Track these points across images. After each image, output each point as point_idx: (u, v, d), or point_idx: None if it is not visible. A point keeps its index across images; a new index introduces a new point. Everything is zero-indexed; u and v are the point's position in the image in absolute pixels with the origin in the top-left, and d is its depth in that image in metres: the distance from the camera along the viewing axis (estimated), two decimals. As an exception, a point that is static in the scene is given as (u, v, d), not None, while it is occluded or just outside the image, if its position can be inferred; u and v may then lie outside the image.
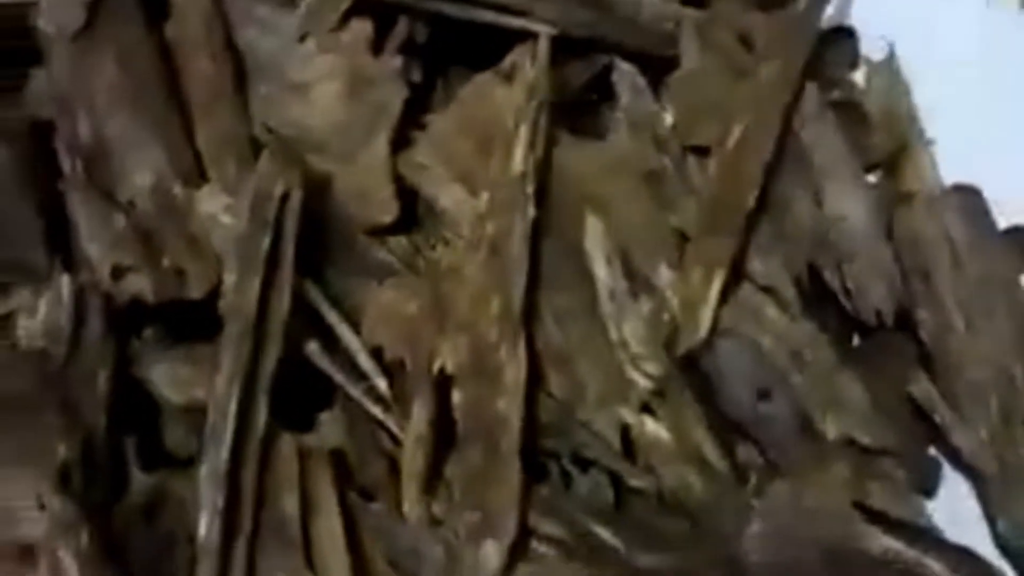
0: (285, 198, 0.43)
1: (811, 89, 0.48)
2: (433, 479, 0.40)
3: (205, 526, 0.39)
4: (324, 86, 0.49)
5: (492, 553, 0.37)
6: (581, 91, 0.51)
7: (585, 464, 0.42)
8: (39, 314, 0.43)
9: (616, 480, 0.42)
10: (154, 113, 0.48)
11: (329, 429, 0.43)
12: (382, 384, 0.42)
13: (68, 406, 0.41)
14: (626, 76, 0.48)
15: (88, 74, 0.48)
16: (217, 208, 0.44)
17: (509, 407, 0.39)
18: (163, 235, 0.45)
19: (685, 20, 0.49)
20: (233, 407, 0.40)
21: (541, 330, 0.43)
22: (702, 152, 0.46)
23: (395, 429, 0.42)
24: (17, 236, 0.47)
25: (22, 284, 0.45)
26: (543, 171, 0.45)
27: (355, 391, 0.43)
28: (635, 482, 0.41)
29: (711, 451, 0.41)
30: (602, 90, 0.52)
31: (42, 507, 0.39)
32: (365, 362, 0.43)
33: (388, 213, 0.45)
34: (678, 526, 0.40)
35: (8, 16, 0.51)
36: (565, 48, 0.50)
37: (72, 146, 0.46)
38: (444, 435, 0.41)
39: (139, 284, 0.44)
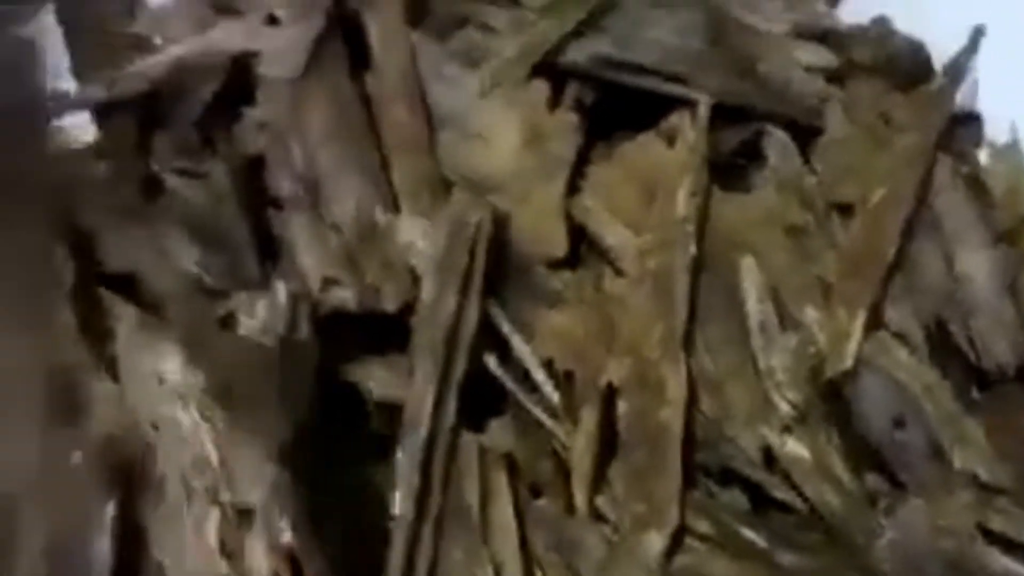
0: (478, 226, 0.49)
1: (944, 161, 0.53)
2: (598, 479, 0.45)
3: (401, 504, 0.44)
4: (503, 136, 0.55)
5: (656, 540, 0.42)
6: (731, 154, 0.57)
7: (727, 478, 0.47)
8: (257, 315, 0.49)
9: (754, 495, 0.47)
10: (357, 151, 0.55)
11: (501, 433, 0.49)
12: (552, 394, 0.48)
13: (283, 394, 0.47)
14: (776, 139, 0.54)
15: (302, 114, 0.55)
16: (415, 234, 0.51)
17: (671, 417, 0.44)
18: (364, 255, 0.51)
19: (832, 96, 0.55)
20: (429, 403, 0.46)
21: (695, 357, 0.48)
22: (845, 210, 0.51)
23: (561, 435, 0.47)
24: (235, 250, 0.54)
25: (237, 290, 0.52)
26: (701, 218, 0.51)
27: (526, 400, 0.48)
28: (776, 494, 0.45)
29: (846, 471, 0.46)
30: (749, 154, 0.57)
31: (261, 477, 0.45)
32: (538, 374, 0.48)
33: (560, 248, 0.51)
34: (814, 535, 0.45)
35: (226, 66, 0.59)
36: (719, 114, 0.56)
37: (288, 174, 0.53)
38: (608, 441, 0.46)
39: (343, 296, 0.50)
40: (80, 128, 0.60)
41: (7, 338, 0.49)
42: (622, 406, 0.46)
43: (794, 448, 0.46)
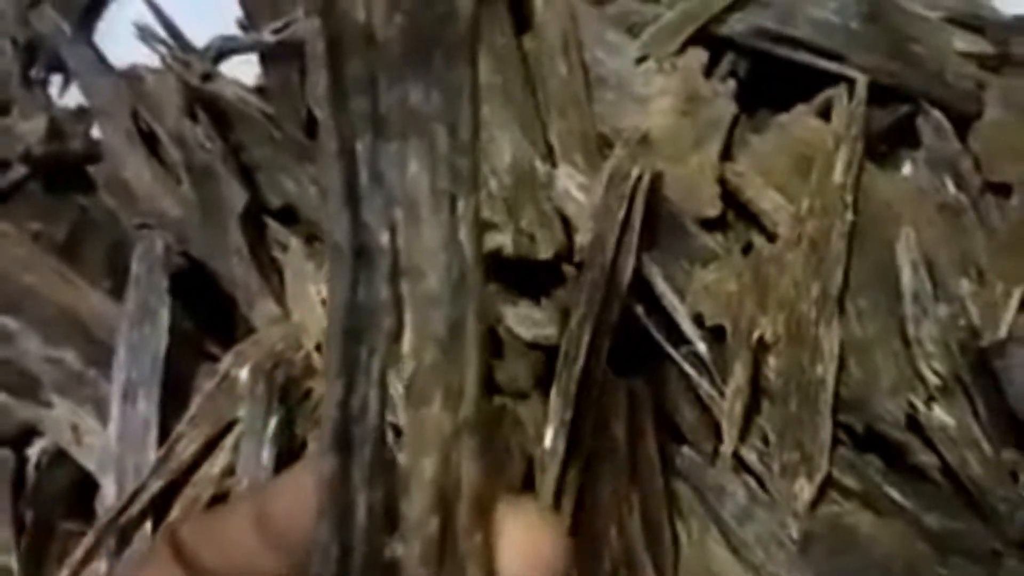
0: (637, 180, 0.50)
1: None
2: (746, 429, 0.46)
3: (552, 437, 0.46)
4: (661, 100, 0.56)
5: (805, 487, 0.43)
6: (883, 134, 0.57)
7: (868, 442, 0.48)
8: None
9: (893, 461, 0.47)
10: (517, 106, 0.56)
11: (648, 382, 0.50)
12: (702, 347, 0.49)
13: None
14: (932, 119, 0.54)
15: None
16: (573, 185, 0.52)
17: (826, 371, 0.45)
18: (520, 204, 0.53)
19: (990, 80, 0.55)
20: (585, 342, 0.47)
21: (845, 323, 0.49)
22: (1000, 190, 0.52)
23: (707, 387, 0.48)
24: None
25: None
26: (856, 188, 0.51)
27: (674, 351, 0.49)
28: (921, 458, 0.46)
29: (989, 443, 0.46)
30: (901, 136, 0.58)
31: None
32: (688, 327, 0.49)
33: (714, 208, 0.52)
34: (956, 501, 0.45)
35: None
36: (872, 93, 0.57)
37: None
38: (754, 394, 0.47)
39: (499, 240, 0.51)
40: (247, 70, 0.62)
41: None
42: (774, 361, 0.47)
43: (939, 416, 0.47)
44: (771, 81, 0.59)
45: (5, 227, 0.55)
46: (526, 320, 0.50)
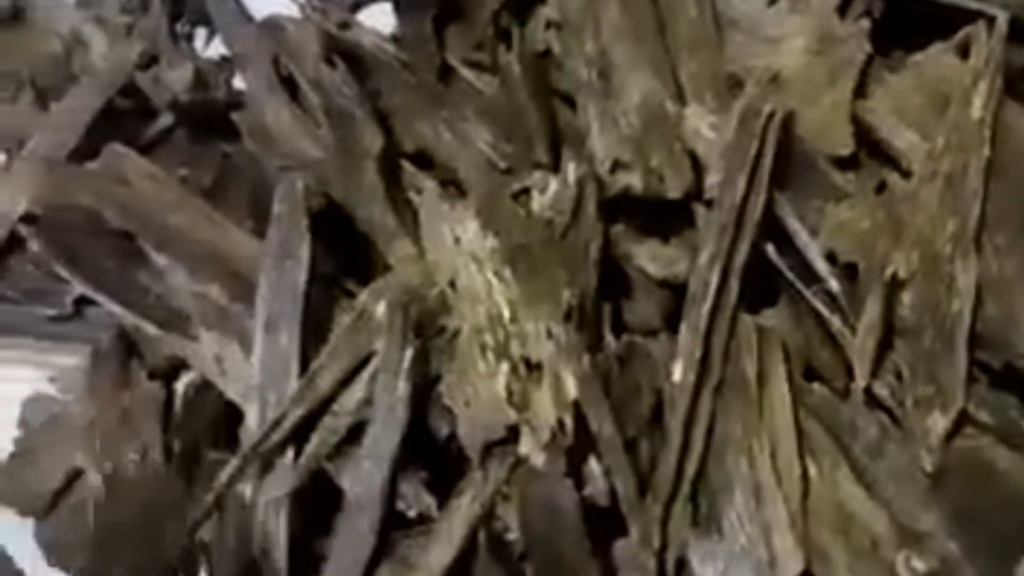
0: (768, 117, 0.50)
1: None
2: (879, 365, 0.46)
3: (681, 372, 0.46)
4: (793, 40, 0.56)
5: (940, 421, 0.43)
6: (1021, 72, 0.56)
7: (1006, 380, 0.47)
8: (549, 192, 0.52)
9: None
10: (648, 47, 0.56)
11: (778, 318, 0.50)
12: (834, 284, 0.48)
13: (569, 264, 0.50)
14: (1075, 55, 0.53)
15: (595, 11, 0.57)
16: (703, 124, 0.52)
17: (962, 306, 0.45)
18: (651, 143, 0.53)
19: None
20: (715, 279, 0.47)
21: (982, 259, 0.48)
22: None
23: (839, 324, 0.48)
24: (526, 134, 0.56)
25: (527, 170, 0.54)
26: (994, 124, 0.50)
27: (805, 290, 0.49)
28: (1060, 396, 0.45)
29: None
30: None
31: (549, 335, 0.47)
32: (820, 265, 0.49)
33: (847, 146, 0.52)
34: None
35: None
36: (1012, 32, 0.55)
37: (583, 64, 0.56)
38: (887, 331, 0.47)
39: (630, 179, 0.52)
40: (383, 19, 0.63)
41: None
42: (908, 296, 0.46)
43: (1081, 352, 0.45)
44: (908, 21, 0.57)
45: (155, 171, 0.58)
46: (656, 258, 0.51)
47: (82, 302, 0.57)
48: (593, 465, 0.46)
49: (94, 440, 0.53)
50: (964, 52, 0.54)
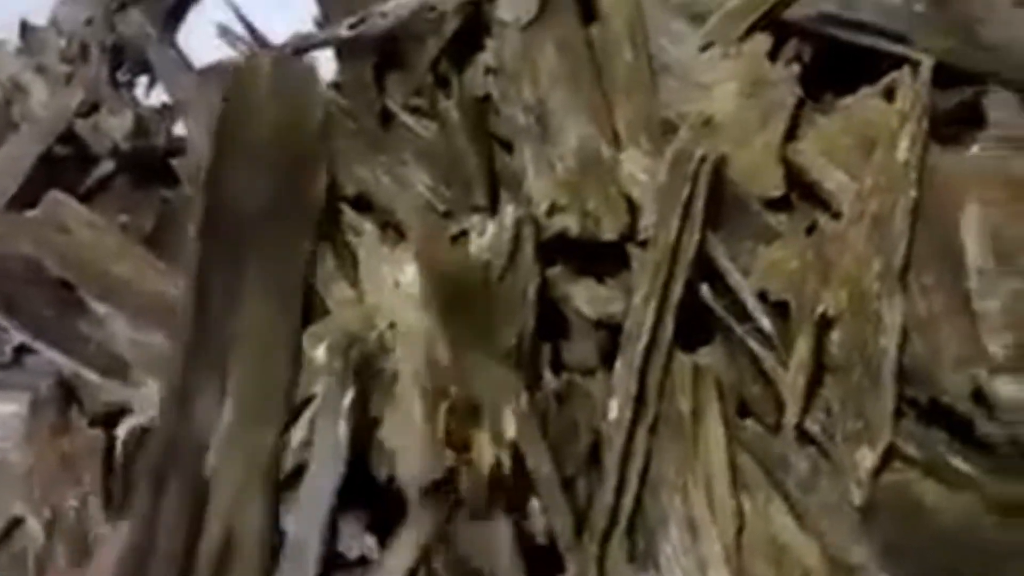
0: (700, 160, 0.51)
1: None
2: (809, 402, 0.47)
3: (617, 409, 0.47)
4: (725, 85, 0.57)
5: (867, 456, 0.44)
6: (948, 114, 0.57)
7: (934, 416, 0.48)
8: (487, 234, 0.53)
9: (957, 433, 0.48)
10: (584, 92, 0.58)
11: (712, 357, 0.51)
12: (766, 323, 0.49)
13: (507, 305, 0.51)
14: (1000, 98, 0.55)
15: (533, 56, 0.58)
16: (637, 168, 0.54)
17: (888, 344, 0.46)
18: (587, 186, 0.54)
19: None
20: (650, 318, 0.48)
21: (909, 298, 0.49)
22: (1069, 167, 0.52)
23: (772, 361, 0.49)
24: (465, 178, 0.57)
25: (466, 214, 0.55)
26: (920, 166, 0.52)
27: (738, 328, 0.50)
28: (986, 429, 0.46)
29: (1057, 414, 0.46)
30: (966, 116, 0.58)
31: (488, 376, 0.48)
32: (752, 304, 0.50)
33: (778, 188, 0.53)
34: (1021, 470, 0.45)
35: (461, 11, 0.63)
36: (937, 76, 0.57)
37: (520, 109, 0.57)
38: (817, 368, 0.48)
39: (566, 222, 0.53)
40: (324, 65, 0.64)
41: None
42: (837, 334, 0.47)
43: (1005, 389, 0.47)
44: (836, 65, 0.59)
45: (95, 219, 0.58)
46: (592, 299, 0.51)
47: (21, 350, 0.57)
48: (532, 504, 0.46)
49: (33, 487, 0.53)
50: (890, 96, 0.56)
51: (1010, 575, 0.44)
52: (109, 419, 0.55)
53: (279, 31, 0.65)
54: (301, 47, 0.65)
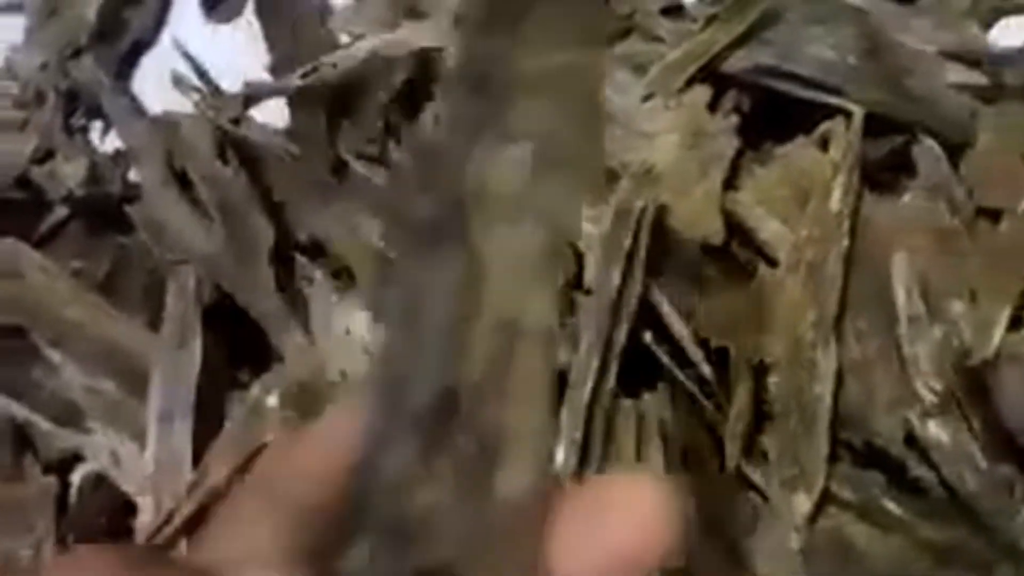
0: (642, 211, 0.53)
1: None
2: (748, 447, 0.49)
3: (564, 453, 0.48)
4: (666, 136, 0.59)
5: (803, 501, 0.46)
6: (880, 163, 0.60)
7: (868, 459, 0.50)
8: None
9: (892, 476, 0.50)
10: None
11: (655, 403, 0.52)
12: (706, 369, 0.51)
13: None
14: (926, 148, 0.57)
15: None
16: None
17: (823, 391, 0.48)
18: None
19: (982, 112, 0.58)
20: (594, 365, 0.50)
21: (844, 343, 0.51)
22: (992, 216, 0.54)
23: (711, 406, 0.51)
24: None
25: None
26: (853, 216, 0.54)
27: (680, 374, 0.52)
28: (916, 473, 0.48)
29: (985, 457, 0.48)
30: (897, 165, 0.60)
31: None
32: (693, 351, 0.52)
33: (717, 236, 0.55)
34: (953, 514, 0.47)
35: (411, 62, 0.64)
36: (870, 125, 0.59)
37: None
38: (756, 414, 0.50)
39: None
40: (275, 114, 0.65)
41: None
42: (774, 381, 0.49)
43: (935, 432, 0.49)
44: (773, 115, 0.61)
45: (48, 265, 0.59)
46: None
47: (-27, 396, 0.57)
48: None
49: (-15, 535, 0.53)
50: (825, 145, 0.58)
51: (941, 616, 0.45)
52: (63, 466, 0.55)
53: (231, 79, 0.66)
54: (253, 96, 0.66)
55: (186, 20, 0.70)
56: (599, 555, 0.23)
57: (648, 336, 0.53)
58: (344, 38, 0.68)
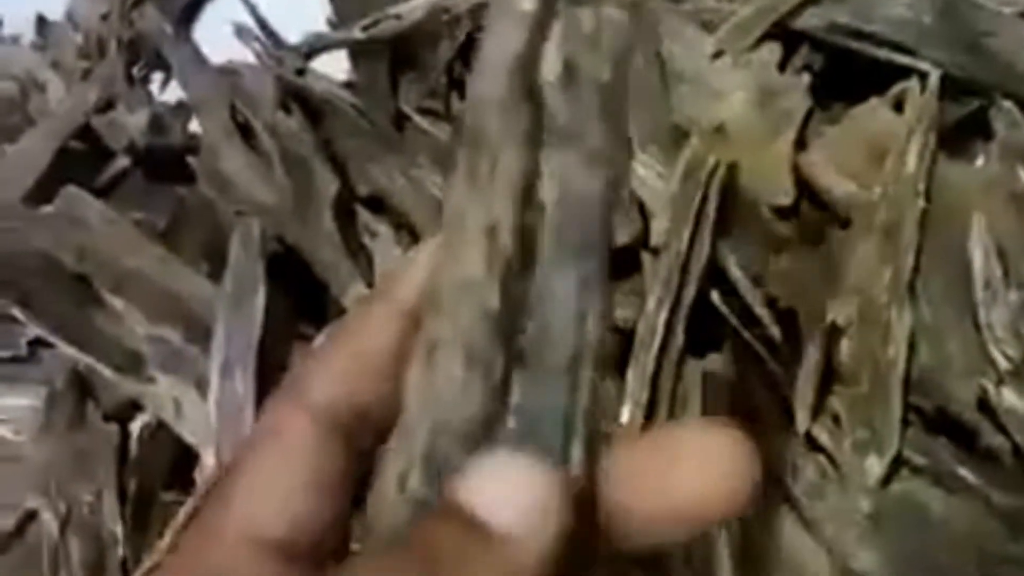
0: (712, 169, 0.52)
1: None
2: (818, 409, 0.48)
3: (629, 415, 0.48)
4: (736, 94, 0.58)
5: (875, 465, 0.45)
6: (955, 126, 0.58)
7: (940, 425, 0.49)
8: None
9: (963, 442, 0.49)
10: (596, 98, 0.58)
11: (722, 362, 0.51)
12: (775, 330, 0.50)
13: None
14: (1005, 111, 0.55)
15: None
16: (650, 174, 0.54)
17: (897, 353, 0.47)
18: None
19: (1063, 72, 0.56)
20: (662, 325, 0.49)
21: (917, 307, 0.50)
22: (1072, 179, 0.53)
23: (778, 369, 0.50)
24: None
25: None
26: (928, 177, 0.53)
27: (747, 334, 0.51)
28: (992, 440, 0.47)
29: (1061, 424, 0.47)
30: (973, 128, 0.59)
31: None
32: (761, 311, 0.51)
33: (787, 196, 0.54)
34: (1024, 480, 0.46)
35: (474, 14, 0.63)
36: (945, 87, 0.58)
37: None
38: (825, 376, 0.49)
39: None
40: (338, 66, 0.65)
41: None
42: (846, 343, 0.48)
43: (1009, 399, 0.48)
44: (846, 75, 0.60)
45: (111, 215, 0.59)
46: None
47: (37, 344, 0.57)
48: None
49: (48, 482, 0.53)
50: (899, 107, 0.57)
51: (1013, 584, 0.45)
52: (124, 414, 0.55)
53: (294, 30, 0.65)
54: (315, 47, 0.66)
55: (248, -30, 0.69)
56: (672, 502, 0.23)
57: (716, 296, 0.52)
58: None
